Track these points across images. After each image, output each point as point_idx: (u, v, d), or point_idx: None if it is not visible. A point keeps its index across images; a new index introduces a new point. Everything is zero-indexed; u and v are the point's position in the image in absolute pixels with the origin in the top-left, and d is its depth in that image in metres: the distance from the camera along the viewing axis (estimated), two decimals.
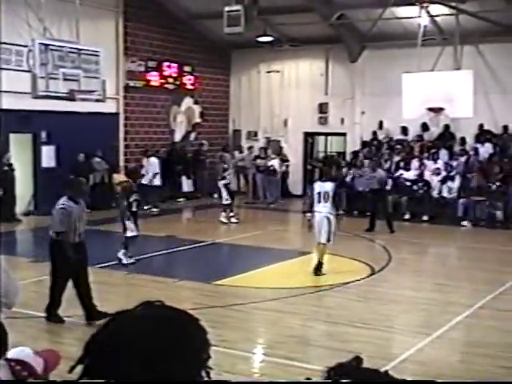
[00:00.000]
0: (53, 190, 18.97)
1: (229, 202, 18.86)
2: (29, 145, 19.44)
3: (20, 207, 18.98)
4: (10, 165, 18.32)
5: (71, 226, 9.11)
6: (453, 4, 19.21)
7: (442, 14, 20.09)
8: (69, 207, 9.13)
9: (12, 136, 18.55)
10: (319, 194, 12.94)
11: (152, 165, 21.20)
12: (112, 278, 12.11)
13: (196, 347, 1.60)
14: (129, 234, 13.01)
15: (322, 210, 12.80)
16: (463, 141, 21.82)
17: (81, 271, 9.19)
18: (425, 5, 19.29)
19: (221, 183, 18.95)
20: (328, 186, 12.99)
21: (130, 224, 13.04)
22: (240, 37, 21.14)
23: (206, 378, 1.59)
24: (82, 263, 9.21)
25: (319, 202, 12.91)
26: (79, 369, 1.62)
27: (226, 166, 19.71)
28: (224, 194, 18.86)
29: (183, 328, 1.60)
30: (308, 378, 1.56)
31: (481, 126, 21.64)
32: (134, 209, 13.14)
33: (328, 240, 12.64)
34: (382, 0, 18.95)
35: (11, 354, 2.75)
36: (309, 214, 13.00)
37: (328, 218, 12.74)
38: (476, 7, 19.34)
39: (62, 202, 9.23)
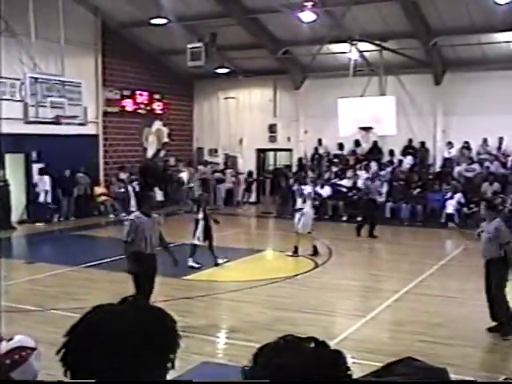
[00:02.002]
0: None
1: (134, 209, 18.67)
2: (22, 163, 19.07)
3: (15, 216, 18.62)
4: (6, 180, 18.00)
5: (141, 236, 8.25)
6: (377, 42, 19.47)
7: (369, 50, 20.32)
8: (137, 219, 8.35)
9: (7, 156, 18.22)
10: (303, 195, 13.50)
11: (42, 182, 18.89)
12: (95, 276, 11.95)
13: (169, 339, 1.57)
14: (195, 242, 12.62)
15: (306, 207, 13.54)
16: (392, 153, 22.13)
17: (148, 280, 8.39)
18: (354, 42, 19.54)
19: (130, 192, 18.83)
20: (309, 189, 13.82)
21: (199, 233, 12.59)
22: (201, 69, 21.19)
23: (173, 364, 1.56)
24: (150, 273, 8.40)
25: (304, 202, 13.40)
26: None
27: (133, 177, 19.41)
28: (132, 201, 18.71)
29: (159, 322, 1.57)
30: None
31: (410, 140, 21.94)
32: (209, 217, 12.80)
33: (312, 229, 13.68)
34: (320, 38, 19.11)
35: (27, 342, 2.63)
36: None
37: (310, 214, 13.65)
38: (396, 45, 19.64)
39: (134, 214, 8.63)
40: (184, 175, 23.07)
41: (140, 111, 23.32)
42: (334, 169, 22.06)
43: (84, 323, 1.56)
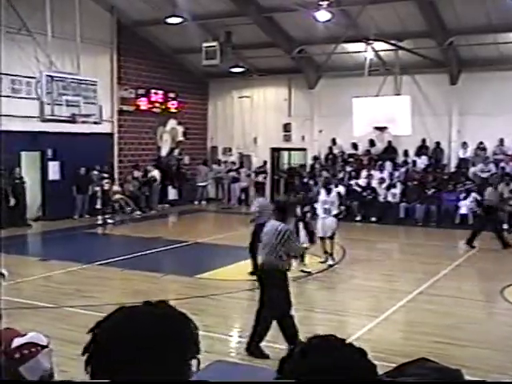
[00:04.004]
0: (58, 199, 18.95)
1: (99, 207, 18.77)
2: (37, 161, 19.19)
3: (30, 214, 18.72)
4: (21, 178, 18.12)
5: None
6: (393, 42, 19.39)
7: (384, 50, 20.24)
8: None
9: (23, 154, 18.37)
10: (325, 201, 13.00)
11: None
12: (109, 274, 11.99)
13: (190, 343, 1.58)
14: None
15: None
16: (406, 153, 22.02)
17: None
18: (370, 42, 19.47)
19: (97, 190, 18.88)
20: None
21: (302, 235, 11.76)
22: (216, 68, 21.25)
23: (194, 367, 1.57)
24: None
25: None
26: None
27: (105, 175, 19.42)
28: (98, 202, 18.81)
29: (182, 326, 1.58)
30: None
31: (423, 140, 21.81)
32: (307, 219, 12.35)
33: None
34: (335, 37, 19.05)
35: (38, 339, 2.63)
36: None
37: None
38: (412, 45, 19.56)
39: (283, 225, 7.20)
40: (155, 173, 22.61)
41: (155, 110, 23.37)
42: (349, 169, 22.00)
43: (105, 324, 1.57)
